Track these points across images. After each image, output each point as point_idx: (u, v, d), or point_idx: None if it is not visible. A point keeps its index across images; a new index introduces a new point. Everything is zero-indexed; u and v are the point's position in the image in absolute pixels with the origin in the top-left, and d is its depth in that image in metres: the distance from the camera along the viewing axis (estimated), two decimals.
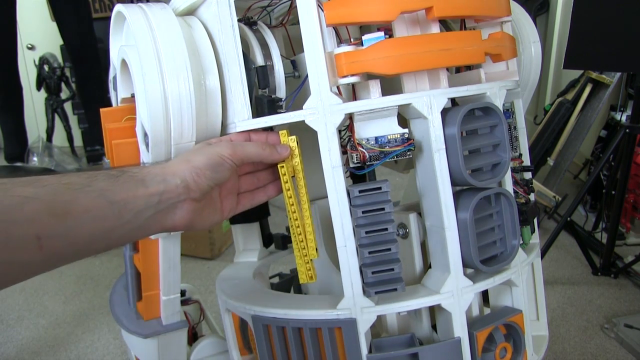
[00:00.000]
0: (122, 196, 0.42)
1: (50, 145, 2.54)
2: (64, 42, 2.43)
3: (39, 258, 0.37)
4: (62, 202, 0.38)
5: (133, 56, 0.52)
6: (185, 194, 0.46)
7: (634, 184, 1.62)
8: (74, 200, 0.39)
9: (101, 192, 0.41)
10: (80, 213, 0.39)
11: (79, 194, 0.40)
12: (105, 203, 0.41)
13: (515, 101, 0.64)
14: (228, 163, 0.49)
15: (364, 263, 0.51)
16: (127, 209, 0.43)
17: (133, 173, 0.45)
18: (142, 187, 0.44)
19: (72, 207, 0.39)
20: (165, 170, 0.47)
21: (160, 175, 0.46)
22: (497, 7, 0.56)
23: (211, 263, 1.77)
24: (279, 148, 0.52)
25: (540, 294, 0.70)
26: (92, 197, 0.40)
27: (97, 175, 0.43)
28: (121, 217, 0.42)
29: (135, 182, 0.44)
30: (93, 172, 0.43)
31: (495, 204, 0.55)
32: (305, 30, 0.49)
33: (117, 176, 0.44)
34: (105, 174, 0.43)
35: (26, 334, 1.40)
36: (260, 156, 0.51)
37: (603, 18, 1.35)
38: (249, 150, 0.50)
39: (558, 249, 1.70)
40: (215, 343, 0.81)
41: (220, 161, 0.48)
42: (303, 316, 0.53)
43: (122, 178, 0.44)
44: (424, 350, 0.51)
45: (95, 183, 0.42)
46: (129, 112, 0.58)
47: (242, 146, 0.50)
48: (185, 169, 0.47)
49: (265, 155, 0.51)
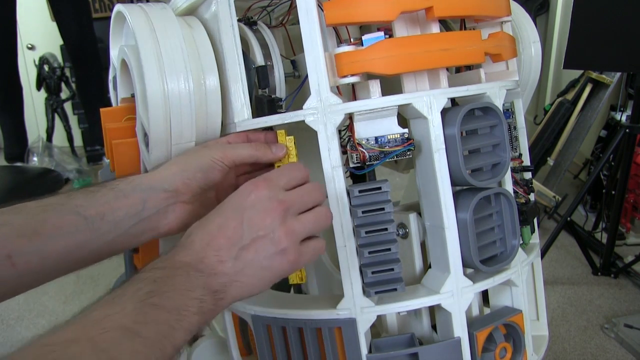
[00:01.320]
0: (99, 210, 0.44)
1: (50, 145, 2.54)
2: (64, 42, 2.44)
3: (13, 274, 0.40)
4: (33, 223, 0.42)
5: (133, 56, 0.52)
6: (174, 198, 0.47)
7: (634, 184, 1.62)
8: (45, 220, 0.42)
9: (75, 208, 0.44)
10: (50, 230, 0.42)
11: (50, 213, 0.43)
12: (78, 218, 0.43)
13: (515, 101, 0.64)
14: (219, 165, 0.49)
15: (364, 263, 0.51)
16: (105, 221, 0.44)
17: (114, 186, 0.46)
18: (123, 198, 0.46)
19: (42, 226, 0.42)
20: (152, 177, 0.48)
21: (145, 183, 0.47)
22: (497, 7, 0.56)
23: None
24: (274, 148, 0.52)
25: (540, 294, 0.70)
26: (63, 215, 0.43)
27: (76, 193, 0.45)
28: (97, 229, 0.44)
29: (115, 194, 0.46)
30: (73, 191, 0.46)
31: (495, 204, 0.55)
32: (305, 30, 0.49)
33: (95, 191, 0.46)
34: (84, 191, 0.46)
35: (26, 334, 1.40)
36: (253, 157, 0.51)
37: (603, 18, 1.35)
38: (241, 152, 0.51)
39: (558, 249, 1.70)
40: (215, 343, 0.81)
41: (211, 164, 0.49)
42: (303, 316, 0.53)
43: (100, 192, 0.45)
44: (423, 350, 0.51)
45: (71, 201, 0.44)
46: (129, 112, 0.58)
47: (233, 148, 0.51)
48: (175, 172, 0.48)
49: (259, 156, 0.51)
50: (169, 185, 0.47)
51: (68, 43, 2.39)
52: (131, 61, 0.53)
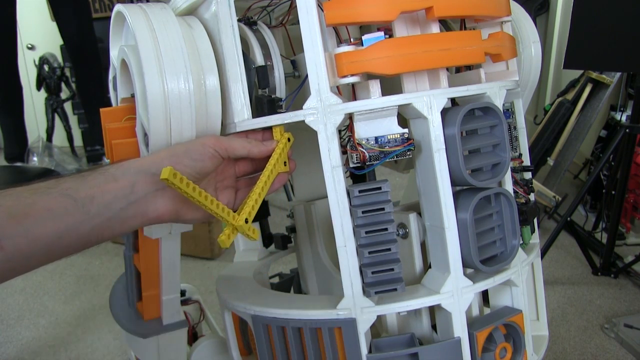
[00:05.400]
0: (88, 192, 0.44)
1: (50, 145, 2.54)
2: (64, 42, 2.44)
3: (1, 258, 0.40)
4: (23, 205, 0.41)
5: (133, 56, 0.52)
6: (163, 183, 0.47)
7: (634, 184, 1.62)
8: (35, 202, 0.42)
9: (64, 191, 0.44)
10: (40, 212, 0.42)
11: (40, 195, 0.42)
12: (68, 200, 0.43)
13: (515, 101, 0.64)
14: (210, 151, 0.49)
15: (364, 263, 0.51)
16: (94, 204, 0.44)
17: (104, 170, 0.47)
18: (112, 181, 0.46)
19: (31, 208, 0.41)
20: (141, 162, 0.48)
21: (135, 167, 0.47)
22: (497, 7, 0.56)
23: (211, 263, 1.77)
24: (266, 142, 0.53)
25: (540, 294, 0.70)
26: (54, 197, 0.43)
27: (66, 177, 0.45)
28: (87, 212, 0.44)
29: (105, 178, 0.46)
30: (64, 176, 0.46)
31: (495, 204, 0.55)
32: (305, 30, 0.49)
33: (86, 175, 0.46)
34: (75, 175, 0.46)
35: (26, 334, 1.40)
36: (246, 148, 0.52)
37: (603, 18, 1.35)
38: (234, 143, 0.51)
39: (558, 249, 1.71)
40: (215, 343, 0.81)
41: (201, 149, 0.49)
42: (303, 316, 0.53)
43: (91, 176, 0.46)
44: (423, 350, 0.51)
45: (61, 184, 0.44)
46: (129, 112, 0.58)
47: (227, 138, 0.51)
48: (164, 157, 0.48)
49: (251, 148, 0.52)
50: (156, 169, 0.47)
51: (68, 43, 2.39)
52: (131, 61, 0.53)
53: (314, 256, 0.75)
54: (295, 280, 0.87)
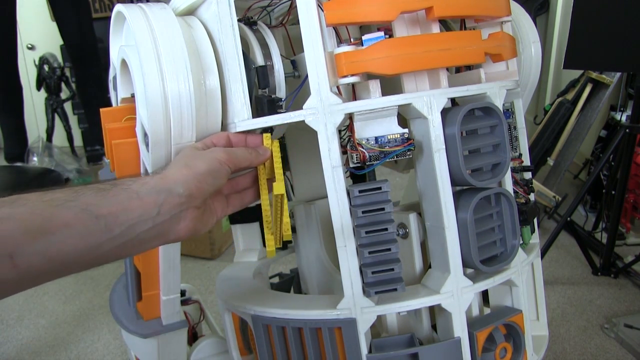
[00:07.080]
0: (111, 209, 0.40)
1: (50, 145, 2.54)
2: (64, 42, 2.44)
3: (13, 276, 0.36)
4: (40, 220, 0.37)
5: (133, 56, 0.52)
6: (188, 203, 0.45)
7: (634, 184, 1.62)
8: (53, 216, 0.38)
9: (86, 206, 0.40)
10: (60, 229, 0.38)
11: (59, 209, 0.38)
12: (90, 217, 0.39)
13: (515, 101, 0.64)
14: (225, 169, 0.48)
15: (364, 263, 0.51)
16: (117, 223, 0.41)
17: (126, 185, 0.43)
18: (136, 199, 0.42)
19: (49, 223, 0.38)
20: (164, 180, 0.45)
21: (159, 185, 0.44)
22: (497, 7, 0.56)
23: (211, 263, 1.77)
24: (260, 150, 0.52)
25: (540, 294, 0.70)
26: (75, 212, 0.39)
27: (84, 189, 0.41)
28: (109, 231, 0.40)
29: (128, 195, 0.42)
30: (81, 186, 0.42)
31: (495, 204, 0.55)
32: (305, 30, 0.49)
33: (107, 189, 0.42)
34: (94, 188, 0.42)
35: (26, 334, 1.40)
36: (248, 160, 0.51)
37: (603, 18, 1.35)
38: (240, 156, 0.50)
39: (558, 249, 1.70)
40: (215, 343, 0.81)
41: (219, 167, 0.48)
42: (303, 316, 0.53)
43: (113, 191, 0.42)
44: (424, 350, 0.51)
45: (80, 197, 0.40)
46: (129, 112, 0.58)
47: (233, 152, 0.50)
48: (188, 175, 0.46)
49: (252, 159, 0.51)
50: (184, 188, 0.45)
51: (68, 43, 2.39)
52: (131, 61, 0.53)
53: (314, 256, 0.75)
54: (295, 280, 0.87)
